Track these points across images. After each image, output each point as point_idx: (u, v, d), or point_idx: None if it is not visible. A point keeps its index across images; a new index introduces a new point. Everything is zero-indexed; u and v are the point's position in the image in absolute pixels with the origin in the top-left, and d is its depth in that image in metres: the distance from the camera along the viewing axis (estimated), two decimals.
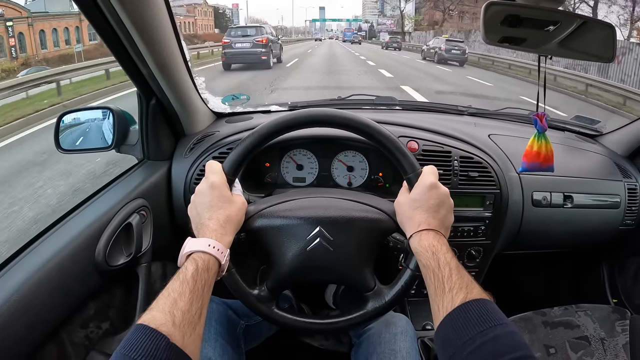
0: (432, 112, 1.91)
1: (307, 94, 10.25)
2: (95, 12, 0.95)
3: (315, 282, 1.07)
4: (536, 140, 1.17)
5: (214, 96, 1.61)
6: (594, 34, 1.03)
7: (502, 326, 0.69)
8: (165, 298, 0.72)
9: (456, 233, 1.47)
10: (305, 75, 14.44)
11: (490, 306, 0.73)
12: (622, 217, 1.64)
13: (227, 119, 1.61)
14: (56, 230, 1.03)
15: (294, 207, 1.00)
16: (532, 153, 1.17)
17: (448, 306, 0.74)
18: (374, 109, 1.86)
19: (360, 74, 15.28)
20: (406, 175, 0.95)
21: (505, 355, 0.64)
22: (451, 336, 0.71)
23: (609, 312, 1.51)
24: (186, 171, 1.39)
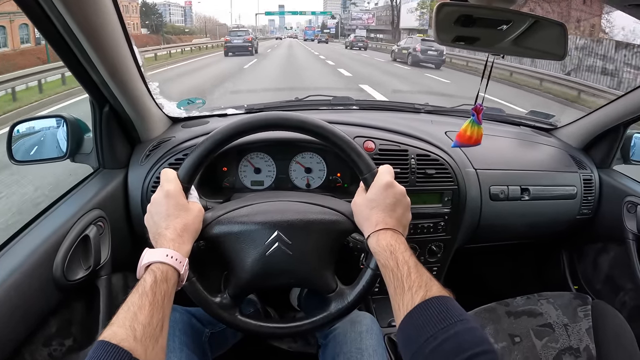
0: (389, 111, 1.94)
1: (264, 95, 10.15)
2: (42, 18, 0.92)
3: (276, 287, 1.07)
4: (470, 126, 1.21)
5: (169, 101, 1.58)
6: (546, 32, 1.05)
7: (463, 322, 0.70)
8: (125, 312, 0.71)
9: (416, 230, 1.49)
10: (266, 71, 16.78)
11: (450, 303, 0.74)
12: (578, 207, 1.70)
13: (183, 123, 1.59)
14: (11, 248, 1.00)
15: (251, 212, 1.00)
16: (465, 136, 1.22)
17: (408, 305, 0.75)
18: (331, 109, 1.86)
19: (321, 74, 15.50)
20: (362, 175, 0.96)
21: (466, 351, 0.65)
22: (412, 334, 0.71)
23: (570, 299, 1.56)
24: (142, 179, 1.36)
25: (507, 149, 1.75)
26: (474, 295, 1.65)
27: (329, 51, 30.86)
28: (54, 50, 1.02)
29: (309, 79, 14.20)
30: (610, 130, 1.73)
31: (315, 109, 1.85)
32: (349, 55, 27.53)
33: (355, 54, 28.80)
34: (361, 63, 21.34)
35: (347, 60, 22.49)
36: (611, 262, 1.80)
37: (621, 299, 1.72)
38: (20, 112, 8.21)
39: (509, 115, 2.03)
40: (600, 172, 1.79)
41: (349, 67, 17.68)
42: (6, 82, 9.07)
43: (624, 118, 1.65)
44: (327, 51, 30.62)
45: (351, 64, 19.88)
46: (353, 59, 23.52)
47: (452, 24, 0.97)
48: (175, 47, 22.38)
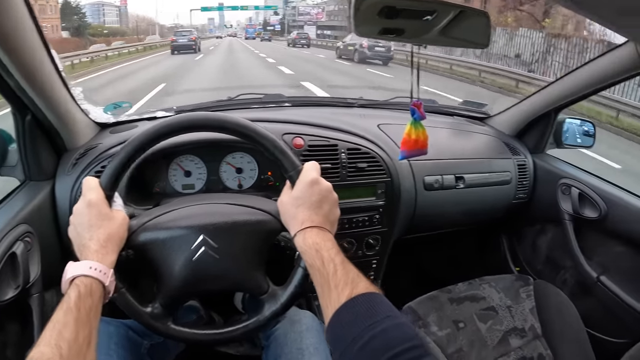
0: (322, 107, 1.94)
1: (201, 95, 9.93)
2: None
3: (208, 292, 1.06)
4: (413, 128, 1.22)
5: (95, 106, 1.52)
6: (471, 22, 1.07)
7: (390, 318, 0.69)
8: (50, 330, 0.69)
9: (351, 224, 1.49)
10: (205, 68, 17.53)
11: (377, 299, 0.73)
12: (514, 192, 1.76)
13: (111, 129, 1.53)
14: None
15: (176, 217, 0.98)
16: (411, 141, 1.22)
17: (335, 303, 0.73)
18: (262, 107, 1.84)
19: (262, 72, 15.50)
20: (287, 173, 0.95)
21: (395, 348, 0.65)
22: (340, 333, 0.71)
23: (512, 281, 1.60)
24: (70, 189, 1.30)
25: (440, 139, 1.77)
26: (417, 284, 1.67)
27: (270, 49, 30.45)
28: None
29: (249, 77, 14.15)
30: (542, 117, 1.79)
31: (247, 108, 1.82)
32: (291, 53, 27.39)
33: (297, 52, 28.69)
34: (303, 61, 21.21)
35: (289, 58, 22.31)
36: (550, 242, 1.86)
37: (562, 277, 1.78)
38: None
39: (442, 106, 2.07)
40: (534, 157, 1.85)
41: (291, 64, 17.62)
42: None
43: (555, 104, 1.70)
44: (269, 49, 30.18)
45: (293, 62, 19.74)
46: (295, 57, 23.38)
47: (375, 16, 0.97)
48: (92, 54, 21.12)
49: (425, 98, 2.04)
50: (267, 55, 23.48)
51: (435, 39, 1.11)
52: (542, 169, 1.82)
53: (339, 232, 1.43)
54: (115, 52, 23.89)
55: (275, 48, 33.82)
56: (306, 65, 18.21)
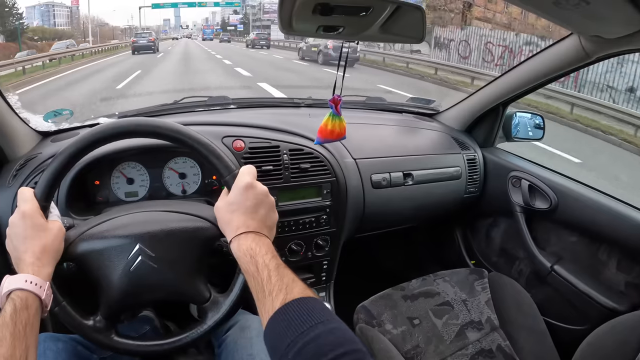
0: (268, 108, 1.93)
1: (150, 99, 9.85)
2: None
3: (150, 302, 1.03)
4: (330, 119, 1.24)
5: (34, 114, 1.47)
6: (406, 17, 1.07)
7: (323, 323, 0.68)
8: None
9: (298, 226, 1.48)
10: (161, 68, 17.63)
11: (311, 304, 0.72)
12: (464, 186, 1.77)
13: (52, 137, 1.48)
14: None
15: (112, 227, 0.95)
16: (327, 131, 1.24)
17: (269, 310, 0.72)
18: (207, 110, 1.81)
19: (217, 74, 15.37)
20: (223, 178, 0.94)
21: (327, 354, 0.63)
22: (274, 342, 0.69)
23: (466, 275, 1.62)
24: (11, 201, 1.24)
25: (387, 137, 1.78)
26: (373, 283, 1.67)
27: (228, 51, 30.06)
28: None
29: (204, 79, 14.05)
30: (490, 111, 1.81)
31: (191, 111, 1.79)
32: (250, 54, 26.97)
33: (254, 53, 28.27)
34: (262, 62, 20.86)
35: (247, 59, 21.81)
36: (503, 235, 1.88)
37: (517, 268, 1.81)
38: None
39: (390, 103, 2.08)
40: (484, 151, 1.87)
41: (249, 66, 17.40)
42: None
43: (502, 98, 1.72)
44: (226, 51, 29.75)
45: (251, 63, 19.36)
46: (253, 58, 22.97)
47: (310, 13, 0.96)
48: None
49: (373, 96, 2.06)
50: (224, 57, 23.22)
51: (373, 36, 1.11)
52: (492, 162, 1.84)
53: (287, 234, 1.42)
54: (72, 54, 23.25)
55: (233, 49, 33.31)
56: (264, 67, 17.94)
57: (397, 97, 9.07)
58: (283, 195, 1.41)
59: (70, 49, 24.94)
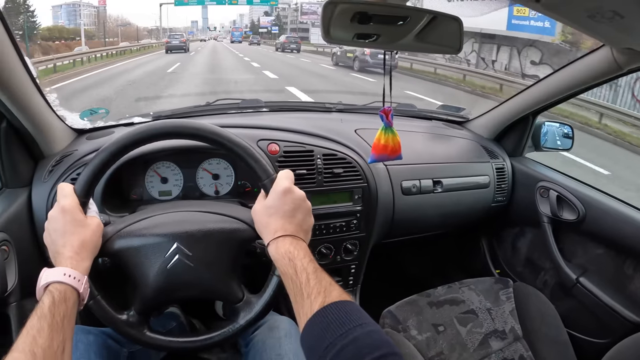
0: (300, 112, 1.95)
1: (185, 100, 10.01)
2: None
3: (183, 300, 1.05)
4: (383, 133, 1.23)
5: (71, 112, 1.51)
6: (443, 27, 1.08)
7: (362, 326, 0.69)
8: (24, 337, 0.68)
9: (329, 230, 1.49)
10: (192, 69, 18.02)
11: (349, 307, 0.73)
12: (492, 195, 1.77)
13: (87, 135, 1.51)
14: None
15: (150, 225, 0.97)
16: (380, 146, 1.24)
17: (308, 312, 0.74)
18: (239, 112, 1.83)
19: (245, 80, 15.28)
20: (261, 181, 0.95)
21: (366, 356, 0.65)
22: (313, 343, 0.71)
23: (491, 284, 1.62)
24: (47, 196, 1.29)
25: (418, 144, 1.78)
26: (398, 288, 1.68)
27: (257, 54, 29.75)
28: None
29: (232, 82, 14.07)
30: (520, 120, 1.81)
31: (224, 114, 1.82)
32: (277, 57, 26.73)
33: (281, 56, 28.12)
34: (290, 66, 20.66)
35: (275, 62, 21.86)
36: (529, 245, 1.87)
37: (542, 279, 1.80)
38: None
39: (420, 110, 2.08)
40: (512, 160, 1.87)
41: (278, 70, 17.35)
42: None
43: (532, 107, 1.72)
44: (255, 54, 29.48)
45: (280, 67, 19.28)
46: (282, 62, 22.82)
47: (348, 22, 0.98)
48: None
49: (403, 102, 2.07)
50: (252, 59, 23.14)
51: (409, 45, 1.12)
52: (521, 172, 1.84)
53: (317, 238, 1.44)
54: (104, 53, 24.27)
55: (262, 52, 32.52)
56: (291, 70, 18.02)
57: (425, 104, 9.02)
58: (315, 199, 1.41)
59: (111, 47, 27.68)
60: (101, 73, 16.45)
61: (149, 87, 12.69)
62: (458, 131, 1.94)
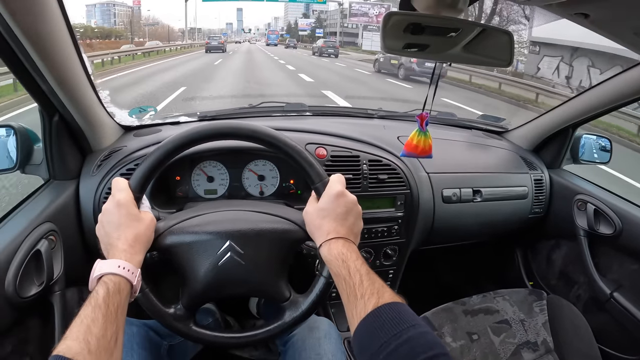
0: (342, 117, 1.96)
1: (222, 102, 10.14)
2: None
3: (230, 297, 1.07)
4: (416, 135, 1.26)
5: (120, 109, 1.55)
6: (493, 40, 1.09)
7: (415, 327, 0.71)
8: (78, 325, 0.70)
9: (370, 234, 1.51)
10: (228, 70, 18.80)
11: (402, 308, 0.75)
12: (530, 207, 1.76)
13: (135, 132, 1.56)
14: None
15: (203, 222, 0.99)
16: (412, 145, 1.26)
17: (361, 312, 0.75)
18: (284, 116, 1.86)
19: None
20: (314, 184, 0.97)
21: (419, 355, 0.66)
22: (366, 342, 0.72)
23: (526, 295, 1.61)
24: (94, 190, 1.33)
25: (458, 153, 1.79)
26: (431, 295, 1.68)
27: (292, 58, 28.87)
28: (1, 59, 0.99)
29: (266, 84, 13.96)
30: (560, 132, 1.80)
31: (268, 116, 1.84)
32: (314, 62, 26.10)
33: (317, 60, 27.50)
34: (326, 70, 20.37)
35: (311, 67, 21.59)
36: (564, 257, 1.86)
37: (576, 292, 1.78)
38: None
39: (460, 119, 2.08)
40: (550, 172, 1.86)
41: (314, 74, 17.17)
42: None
43: (573, 120, 1.71)
44: (291, 58, 28.64)
45: (320, 73, 18.79)
46: (319, 67, 22.41)
47: (401, 32, 0.99)
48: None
49: (444, 111, 2.07)
50: (287, 62, 23.04)
51: (457, 56, 1.13)
52: (558, 184, 1.83)
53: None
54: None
55: (297, 55, 32.82)
56: (329, 76, 17.65)
57: (462, 113, 8.89)
58: (359, 203, 1.44)
59: (156, 46, 30.87)
60: (157, 66, 19.25)
61: (206, 74, 16.11)
62: (497, 141, 1.94)
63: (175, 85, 12.28)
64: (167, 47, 33.78)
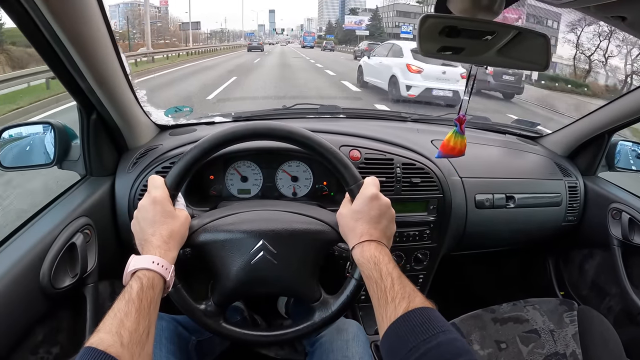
0: (376, 120, 1.96)
1: (254, 103, 10.27)
2: (31, 26, 0.92)
3: (261, 295, 1.08)
4: (453, 136, 1.24)
5: (156, 109, 1.58)
6: (529, 43, 1.07)
7: (445, 333, 0.71)
8: (112, 318, 0.71)
9: (402, 238, 1.50)
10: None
11: (432, 314, 0.75)
12: (564, 214, 1.72)
13: (170, 131, 1.59)
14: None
15: (237, 221, 1.01)
16: (448, 147, 1.25)
17: (391, 316, 0.76)
18: (317, 117, 1.87)
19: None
20: (348, 186, 0.97)
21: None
22: (396, 345, 0.72)
23: (556, 305, 1.58)
24: (130, 186, 1.36)
25: (492, 157, 1.77)
26: (460, 302, 1.66)
27: (327, 60, 27.87)
28: (43, 59, 1.02)
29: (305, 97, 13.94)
30: (595, 138, 1.76)
31: (302, 118, 1.86)
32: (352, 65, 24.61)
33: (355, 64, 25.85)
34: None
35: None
36: (597, 268, 1.82)
37: (607, 304, 1.74)
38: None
39: (494, 124, 2.06)
40: (585, 179, 1.82)
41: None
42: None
43: (609, 126, 1.67)
44: (326, 60, 27.57)
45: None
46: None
47: (436, 35, 0.98)
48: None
49: (479, 115, 2.05)
50: (326, 67, 21.94)
51: (492, 59, 1.11)
52: (593, 192, 1.78)
53: None
54: None
55: (331, 58, 31.39)
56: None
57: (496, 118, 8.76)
58: (392, 206, 1.44)
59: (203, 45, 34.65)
60: (199, 65, 21.39)
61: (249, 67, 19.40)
62: (532, 146, 1.90)
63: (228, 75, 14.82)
64: (207, 47, 40.23)
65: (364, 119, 1.95)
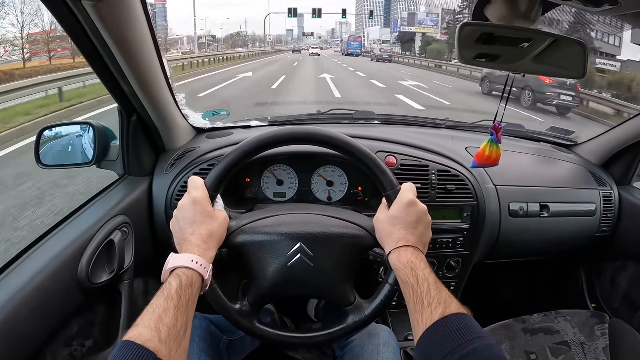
0: (410, 126, 1.95)
1: (289, 108, 10.33)
2: (79, 32, 0.95)
3: (296, 297, 1.09)
4: (489, 146, 1.24)
5: (194, 112, 1.62)
6: (566, 51, 1.06)
7: (481, 339, 0.71)
8: (150, 314, 0.73)
9: (435, 245, 1.49)
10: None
11: (468, 320, 0.75)
12: (598, 225, 1.69)
13: (207, 134, 1.62)
14: (37, 249, 1.03)
15: (275, 223, 1.02)
16: (484, 156, 1.25)
17: (427, 321, 0.76)
18: (352, 123, 1.88)
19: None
20: (385, 192, 0.98)
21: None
22: (431, 350, 0.73)
23: (588, 317, 1.55)
24: (167, 187, 1.39)
25: (526, 165, 1.75)
26: (491, 311, 1.65)
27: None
28: (88, 63, 1.06)
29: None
30: (631, 147, 1.72)
31: (338, 123, 1.88)
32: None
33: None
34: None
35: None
36: (630, 280, 1.77)
37: (639, 318, 1.70)
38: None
39: (529, 132, 2.03)
40: (620, 189, 1.77)
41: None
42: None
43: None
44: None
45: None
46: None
47: (474, 42, 0.98)
48: None
49: (512, 123, 2.02)
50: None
51: (529, 66, 1.10)
52: (628, 202, 1.74)
53: None
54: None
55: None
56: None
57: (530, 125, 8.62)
58: None
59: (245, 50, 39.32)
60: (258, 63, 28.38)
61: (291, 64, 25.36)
62: (566, 155, 1.87)
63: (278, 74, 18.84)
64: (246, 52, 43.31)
65: (398, 125, 1.96)
